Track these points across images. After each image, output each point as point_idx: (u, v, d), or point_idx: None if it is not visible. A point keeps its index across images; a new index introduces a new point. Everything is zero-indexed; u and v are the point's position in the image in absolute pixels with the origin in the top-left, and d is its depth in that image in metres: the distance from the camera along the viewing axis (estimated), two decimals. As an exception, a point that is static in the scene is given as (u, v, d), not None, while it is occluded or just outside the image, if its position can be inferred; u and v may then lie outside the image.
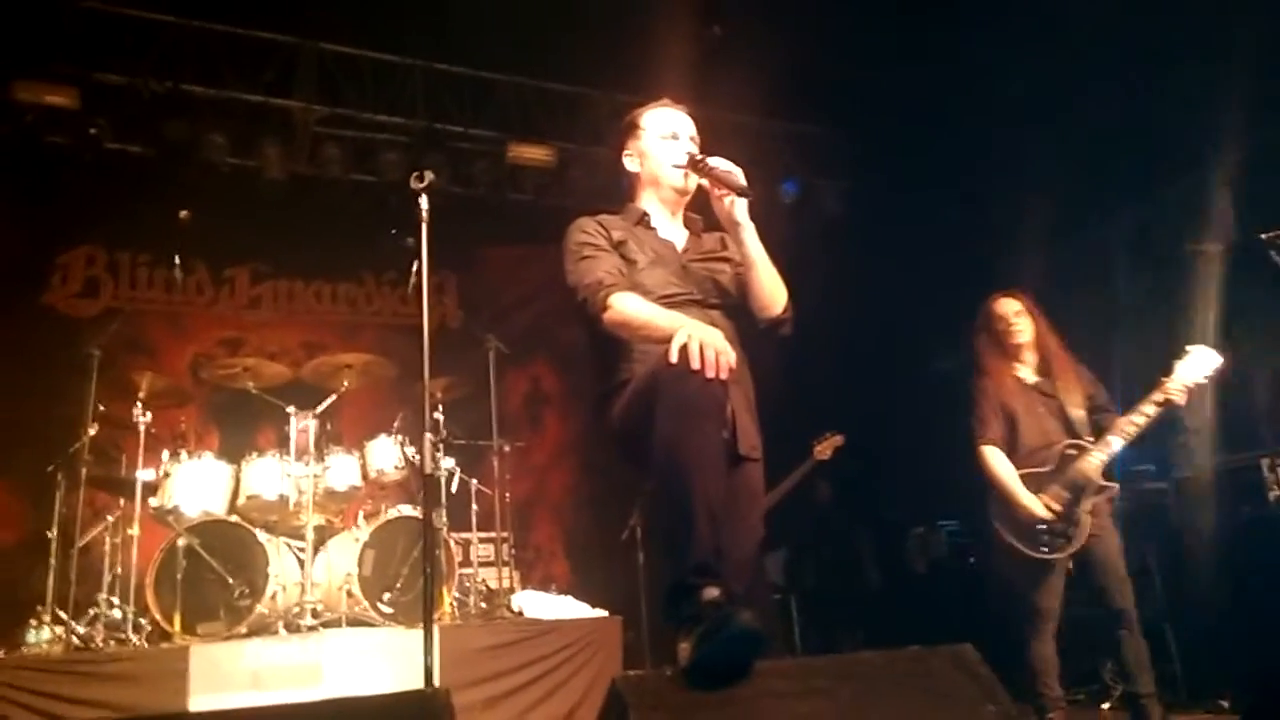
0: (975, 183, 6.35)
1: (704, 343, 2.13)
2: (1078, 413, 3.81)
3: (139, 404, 4.88)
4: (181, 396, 5.52)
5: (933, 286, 6.10)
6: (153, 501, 4.70)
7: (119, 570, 4.69)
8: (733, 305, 2.67)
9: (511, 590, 5.47)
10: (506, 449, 5.77)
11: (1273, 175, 5.50)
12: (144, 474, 4.75)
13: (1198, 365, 3.63)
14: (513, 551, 5.84)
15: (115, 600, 4.58)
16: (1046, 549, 3.67)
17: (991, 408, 3.89)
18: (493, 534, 5.70)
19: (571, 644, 4.55)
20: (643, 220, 2.73)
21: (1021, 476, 3.75)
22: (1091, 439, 3.74)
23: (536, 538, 7.10)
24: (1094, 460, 3.67)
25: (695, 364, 2.11)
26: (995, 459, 3.84)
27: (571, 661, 4.51)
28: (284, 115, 6.19)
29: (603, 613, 5.02)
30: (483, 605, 5.20)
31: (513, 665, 4.37)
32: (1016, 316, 3.97)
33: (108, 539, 4.81)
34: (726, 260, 2.73)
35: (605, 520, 6.50)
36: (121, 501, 4.94)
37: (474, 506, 5.61)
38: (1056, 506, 3.66)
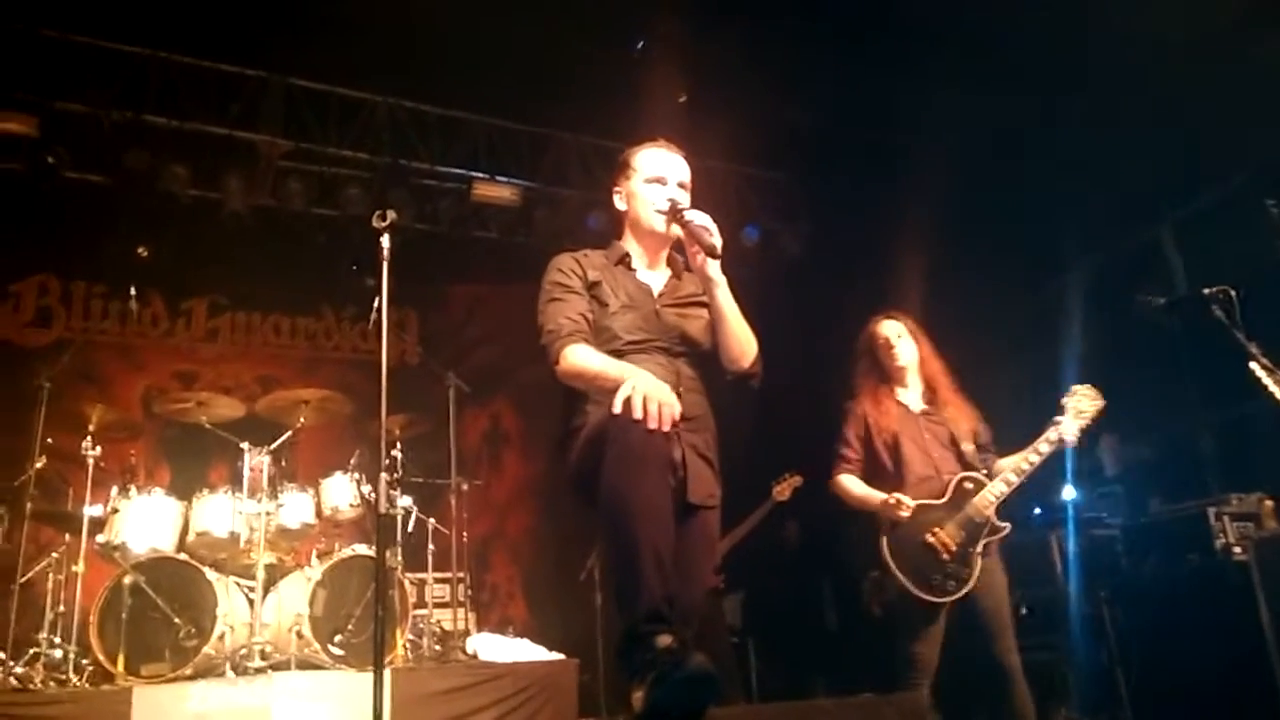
0: (929, 227, 6.48)
1: (648, 395, 2.17)
2: (967, 444, 3.66)
3: (88, 437, 4.78)
4: (132, 430, 5.41)
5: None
6: (99, 538, 4.58)
7: (61, 608, 4.55)
8: (702, 353, 2.68)
9: (467, 632, 5.40)
10: (465, 487, 5.71)
11: (1219, 231, 5.70)
12: (91, 509, 4.64)
13: (1085, 404, 3.57)
14: (469, 592, 5.77)
15: (56, 639, 4.44)
16: (936, 591, 3.45)
17: (857, 436, 3.74)
18: (449, 574, 5.62)
19: (526, 688, 4.48)
20: (623, 260, 2.76)
21: (918, 507, 3.53)
22: (985, 473, 3.60)
23: (494, 578, 7.02)
24: (989, 497, 3.52)
25: (638, 415, 2.15)
26: (852, 484, 3.70)
27: (526, 706, 4.43)
28: (248, 148, 6.15)
29: (559, 655, 4.96)
30: (437, 647, 5.12)
31: (466, 710, 4.29)
32: (899, 339, 3.80)
33: (51, 576, 4.68)
34: (702, 305, 2.73)
35: (564, 561, 6.45)
36: (67, 537, 4.81)
37: (431, 546, 5.54)
38: (952, 546, 3.48)
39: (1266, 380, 2.91)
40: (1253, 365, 2.94)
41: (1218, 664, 4.04)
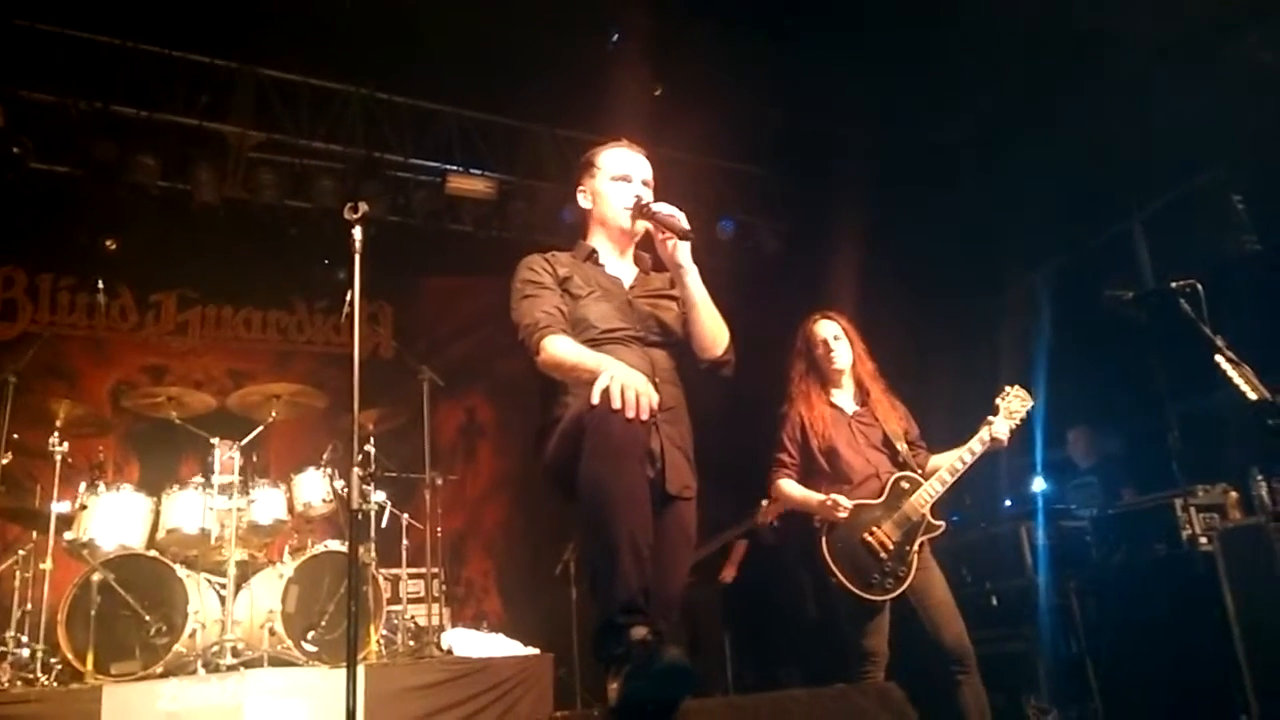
0: (906, 228, 6.52)
1: (625, 385, 2.18)
2: (901, 443, 3.68)
3: (56, 432, 4.71)
4: (101, 425, 5.34)
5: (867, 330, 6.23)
6: (67, 535, 4.51)
7: (29, 606, 4.48)
8: (675, 344, 2.71)
9: (442, 628, 5.38)
10: (439, 482, 5.69)
11: (1186, 225, 5.77)
12: (59, 506, 4.57)
13: (1015, 405, 3.64)
14: (443, 587, 5.75)
15: (24, 638, 4.37)
16: (876, 590, 3.47)
17: (791, 439, 3.72)
18: (423, 569, 5.60)
19: (502, 683, 4.48)
20: (591, 257, 2.79)
21: (855, 507, 3.54)
22: (919, 472, 3.63)
23: (469, 573, 7.01)
24: (925, 496, 3.55)
25: (616, 405, 2.16)
26: (790, 487, 3.70)
27: (501, 701, 4.44)
28: (218, 139, 6.07)
29: (534, 650, 4.96)
30: (411, 643, 5.10)
31: (440, 705, 4.29)
32: (835, 340, 3.78)
33: (18, 573, 4.61)
34: (672, 299, 2.77)
35: (539, 554, 6.45)
36: (34, 534, 4.74)
37: (404, 541, 5.52)
38: (889, 544, 3.50)
39: (1231, 373, 2.95)
40: (1218, 358, 2.98)
41: (1184, 653, 4.10)
